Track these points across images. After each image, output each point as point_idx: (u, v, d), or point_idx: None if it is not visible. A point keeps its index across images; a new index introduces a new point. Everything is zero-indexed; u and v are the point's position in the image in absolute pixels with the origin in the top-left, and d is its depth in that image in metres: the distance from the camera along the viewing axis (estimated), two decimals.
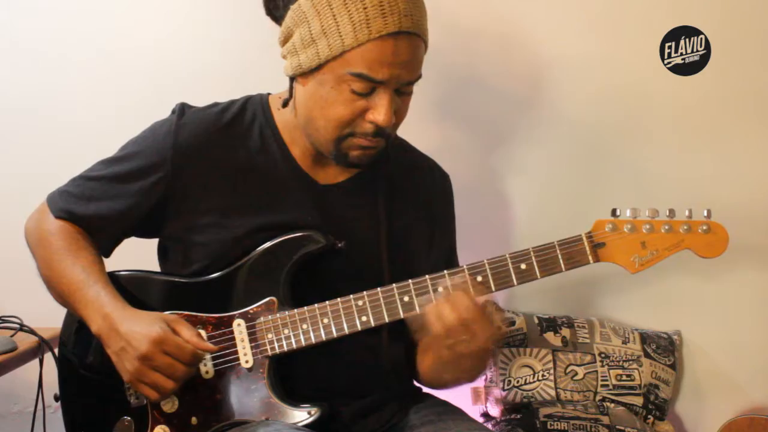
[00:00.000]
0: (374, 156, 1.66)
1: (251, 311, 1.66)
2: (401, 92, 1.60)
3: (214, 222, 1.69)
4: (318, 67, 1.57)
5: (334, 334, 1.62)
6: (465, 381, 1.70)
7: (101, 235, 1.75)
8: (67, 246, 1.71)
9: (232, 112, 1.74)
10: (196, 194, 1.70)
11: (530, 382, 2.32)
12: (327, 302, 1.63)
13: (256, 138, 1.73)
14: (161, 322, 1.58)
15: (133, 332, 1.57)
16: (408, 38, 1.55)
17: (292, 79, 1.66)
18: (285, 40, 1.63)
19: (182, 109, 1.74)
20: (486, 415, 2.39)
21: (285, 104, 1.69)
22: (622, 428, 2.18)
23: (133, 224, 1.75)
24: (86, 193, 1.74)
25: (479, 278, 1.60)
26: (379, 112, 1.57)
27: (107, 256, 1.78)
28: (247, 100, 1.77)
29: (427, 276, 1.61)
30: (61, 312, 1.77)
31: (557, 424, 2.16)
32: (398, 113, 1.62)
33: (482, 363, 1.66)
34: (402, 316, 1.61)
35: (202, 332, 1.66)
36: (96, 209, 1.73)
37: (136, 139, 1.76)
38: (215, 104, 1.78)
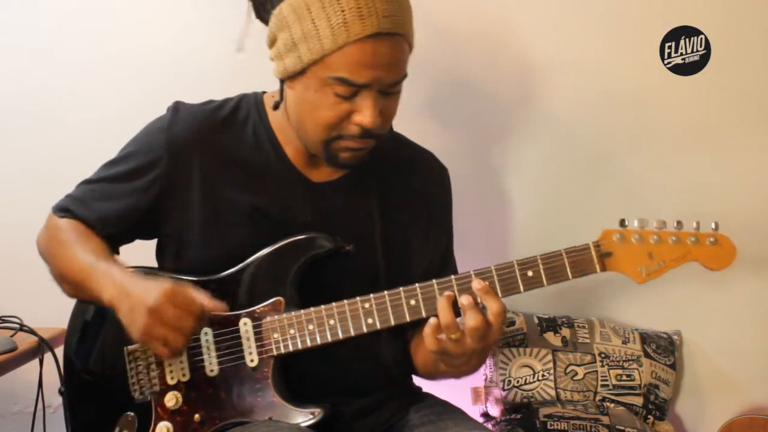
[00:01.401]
0: (365, 156, 1.66)
1: (258, 311, 1.66)
2: (387, 93, 1.59)
3: (209, 219, 1.70)
4: (302, 71, 1.57)
5: (340, 336, 1.62)
6: (461, 375, 1.69)
7: (105, 238, 1.74)
8: (75, 237, 1.70)
9: (227, 110, 1.75)
10: (192, 190, 1.70)
11: (530, 382, 2.32)
12: (333, 304, 1.63)
13: (249, 136, 1.73)
14: (173, 281, 1.57)
15: (143, 288, 1.55)
16: (389, 39, 1.53)
17: (282, 81, 1.66)
18: (271, 45, 1.63)
19: (176, 107, 1.75)
20: (486, 415, 2.39)
21: (276, 107, 1.69)
22: (622, 428, 2.18)
23: (134, 224, 1.75)
24: (87, 195, 1.75)
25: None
26: (363, 114, 1.56)
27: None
28: (242, 99, 1.78)
29: (434, 280, 1.60)
30: (62, 312, 1.77)
31: (557, 424, 2.17)
32: (385, 113, 1.61)
33: (483, 359, 1.66)
34: (408, 319, 1.61)
35: (209, 330, 1.66)
36: (98, 211, 1.73)
37: (133, 139, 1.77)
38: (210, 102, 1.78)
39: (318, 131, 1.60)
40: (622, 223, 1.59)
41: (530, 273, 1.58)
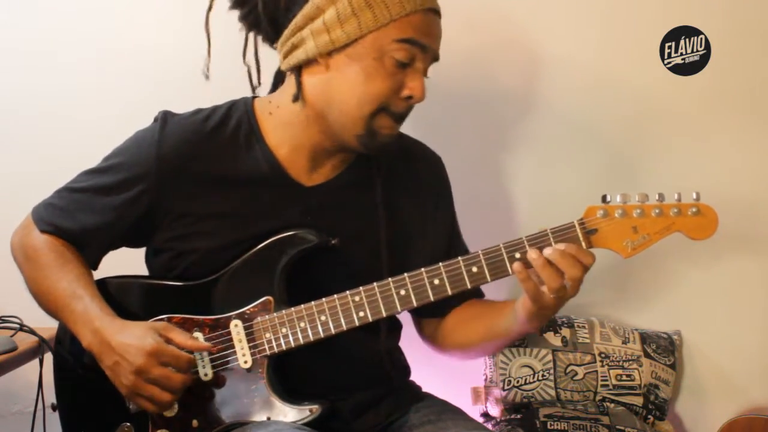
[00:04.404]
0: (396, 136, 1.69)
1: (248, 311, 1.66)
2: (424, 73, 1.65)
3: (200, 231, 1.70)
4: (354, 41, 1.58)
5: (332, 331, 1.63)
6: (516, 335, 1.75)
7: (88, 249, 1.75)
8: (53, 260, 1.70)
9: (216, 120, 1.73)
10: (181, 204, 1.70)
11: (530, 382, 2.31)
12: (323, 299, 1.64)
13: (241, 145, 1.72)
14: (153, 333, 1.58)
15: (125, 345, 1.57)
16: (437, 17, 1.64)
17: (299, 72, 1.65)
18: (305, 23, 1.61)
19: (165, 118, 1.73)
20: (486, 415, 2.39)
21: (296, 98, 1.67)
22: (622, 428, 2.18)
23: (119, 236, 1.75)
24: (71, 206, 1.74)
25: (474, 269, 1.60)
26: (416, 84, 1.61)
27: (95, 268, 1.78)
28: (231, 106, 1.77)
29: (422, 269, 1.61)
30: None
31: (557, 424, 2.16)
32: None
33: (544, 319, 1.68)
34: (399, 310, 1.63)
35: (199, 335, 1.67)
36: (81, 223, 1.73)
37: (119, 149, 1.76)
38: (198, 111, 1.77)
39: (365, 105, 1.61)
40: (604, 198, 1.59)
41: (518, 255, 1.59)
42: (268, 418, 1.64)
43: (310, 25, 1.61)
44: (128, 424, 1.69)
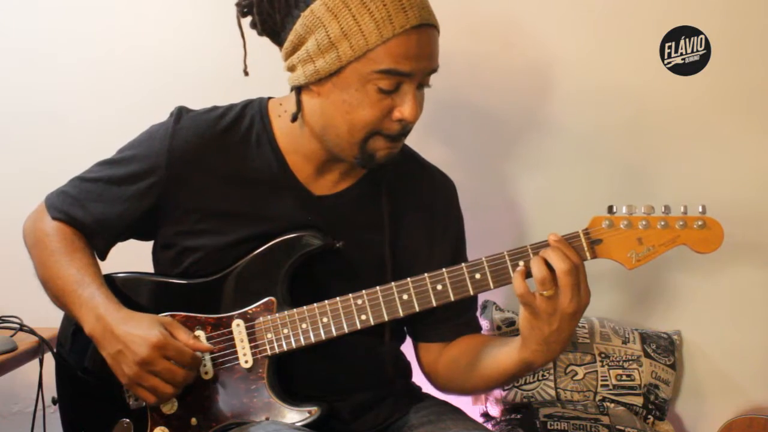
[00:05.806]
0: (397, 153, 1.67)
1: (250, 311, 1.66)
2: (420, 85, 1.61)
3: (207, 228, 1.70)
4: (337, 71, 1.55)
5: (334, 334, 1.63)
6: (534, 363, 1.63)
7: (97, 238, 1.76)
8: (63, 247, 1.71)
9: (230, 118, 1.73)
10: (190, 199, 1.70)
11: (530, 382, 2.31)
12: (326, 301, 1.63)
13: (252, 145, 1.72)
14: (159, 326, 1.58)
15: (130, 335, 1.57)
16: (428, 29, 1.56)
17: (299, 90, 1.64)
18: (294, 50, 1.61)
19: (180, 113, 1.74)
20: (486, 415, 2.39)
21: (294, 118, 1.66)
22: (622, 428, 2.18)
23: (128, 227, 1.76)
24: (83, 195, 1.75)
25: (477, 276, 1.60)
26: (405, 107, 1.56)
27: (103, 258, 1.79)
28: (246, 105, 1.76)
29: (426, 274, 1.61)
30: (61, 312, 1.77)
31: (557, 424, 2.16)
32: (420, 107, 1.62)
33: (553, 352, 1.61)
34: (401, 314, 1.61)
35: (201, 333, 1.67)
36: (92, 212, 1.73)
37: (133, 142, 1.77)
38: (214, 108, 1.77)
39: (356, 132, 1.59)
40: (610, 209, 1.58)
41: (521, 263, 1.57)
42: (267, 419, 1.64)
43: (298, 52, 1.60)
44: (127, 420, 1.69)
